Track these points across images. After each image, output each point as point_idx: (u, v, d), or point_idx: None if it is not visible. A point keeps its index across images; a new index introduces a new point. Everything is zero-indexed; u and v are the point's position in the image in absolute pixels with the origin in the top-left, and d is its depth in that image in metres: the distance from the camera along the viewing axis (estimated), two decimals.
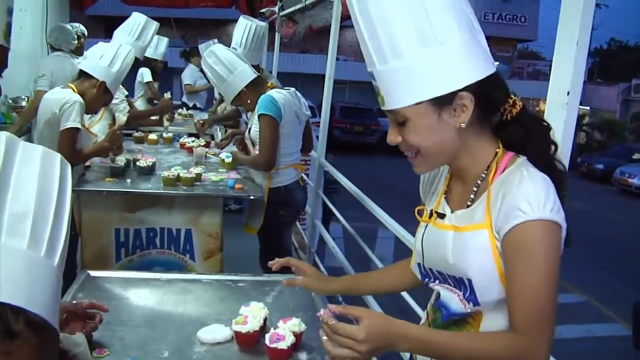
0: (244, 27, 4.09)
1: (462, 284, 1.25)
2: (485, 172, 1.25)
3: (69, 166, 0.77)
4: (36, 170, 0.72)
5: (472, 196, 1.27)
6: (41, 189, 0.70)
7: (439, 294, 1.36)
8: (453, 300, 1.29)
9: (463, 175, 1.30)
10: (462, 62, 1.16)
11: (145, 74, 5.98)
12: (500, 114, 1.26)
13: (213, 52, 3.39)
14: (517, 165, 1.22)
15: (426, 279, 1.38)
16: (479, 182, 1.26)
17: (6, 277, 0.63)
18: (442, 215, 1.32)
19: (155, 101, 6.05)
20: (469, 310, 1.25)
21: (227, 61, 3.34)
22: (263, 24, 4.18)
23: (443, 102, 1.17)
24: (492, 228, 1.18)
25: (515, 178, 1.17)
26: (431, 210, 1.34)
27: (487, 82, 1.18)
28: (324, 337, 1.19)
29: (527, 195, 1.13)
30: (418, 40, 1.14)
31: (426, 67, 1.15)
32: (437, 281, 1.34)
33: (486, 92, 1.19)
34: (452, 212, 1.31)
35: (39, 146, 0.75)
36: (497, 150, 1.26)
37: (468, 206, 1.26)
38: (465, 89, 1.16)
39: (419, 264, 1.39)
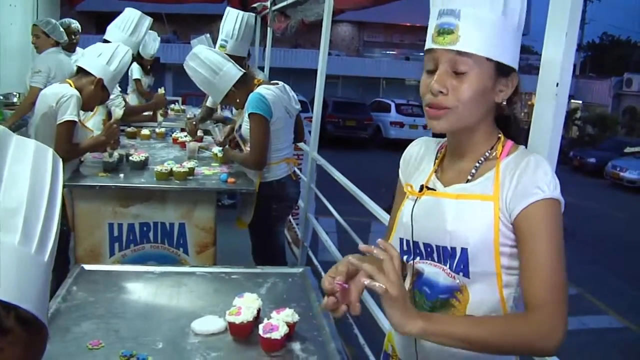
0: (235, 17, 4.06)
1: (451, 255, 1.26)
2: (488, 152, 1.31)
3: (61, 161, 0.77)
4: (29, 165, 0.71)
5: (473, 171, 1.31)
6: (33, 184, 0.70)
7: (417, 274, 1.36)
8: (440, 275, 1.30)
9: (466, 151, 1.33)
10: (519, 46, 1.28)
11: (134, 71, 5.97)
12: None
13: (196, 55, 3.35)
14: (523, 151, 1.31)
15: (405, 256, 1.38)
16: (482, 159, 1.31)
17: None
18: (432, 190, 1.35)
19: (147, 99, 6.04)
20: (457, 283, 1.27)
21: (211, 62, 3.31)
22: (252, 13, 4.15)
23: (504, 73, 1.25)
24: (499, 202, 1.23)
25: (531, 162, 1.24)
26: (421, 185, 1.36)
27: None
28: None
29: (545, 177, 1.21)
30: (515, 12, 1.24)
31: (511, 35, 1.24)
32: (419, 257, 1.35)
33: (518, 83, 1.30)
34: (444, 187, 1.34)
35: (32, 140, 0.75)
36: (500, 135, 1.33)
37: (468, 181, 1.30)
38: (515, 70, 1.27)
39: (401, 240, 1.38)
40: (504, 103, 1.30)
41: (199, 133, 4.61)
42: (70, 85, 3.13)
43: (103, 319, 1.81)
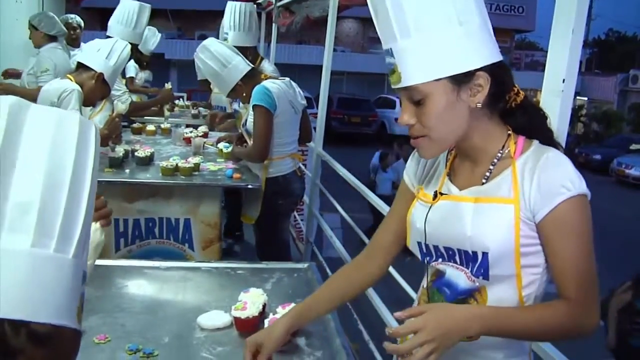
0: (231, 8, 4.09)
1: (473, 258, 1.26)
2: (500, 151, 1.29)
3: (93, 128, 0.67)
4: (47, 143, 0.61)
5: (487, 174, 1.29)
6: (53, 165, 0.60)
7: (438, 274, 1.36)
8: (460, 277, 1.30)
9: (474, 154, 1.32)
10: (480, 43, 1.21)
11: (130, 68, 5.94)
12: (506, 101, 1.30)
13: (206, 47, 3.38)
14: (539, 147, 1.27)
15: (427, 258, 1.38)
16: (495, 160, 1.29)
17: (3, 289, 0.55)
18: (446, 195, 1.34)
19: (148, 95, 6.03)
20: (476, 285, 1.28)
21: (220, 55, 3.33)
22: (250, 2, 4.18)
23: (462, 81, 1.21)
24: (519, 205, 1.22)
25: (550, 159, 1.22)
26: (435, 192, 1.35)
27: (498, 66, 1.23)
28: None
29: (568, 174, 1.20)
30: (443, 17, 1.17)
31: (448, 44, 1.18)
32: (441, 259, 1.34)
33: (498, 76, 1.23)
34: (460, 190, 1.32)
35: (55, 110, 0.65)
36: (509, 132, 1.30)
37: (483, 183, 1.29)
38: (482, 69, 1.21)
39: (419, 243, 1.38)
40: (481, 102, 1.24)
41: (204, 129, 4.62)
42: (71, 81, 3.15)
43: (109, 313, 1.81)
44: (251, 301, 1.75)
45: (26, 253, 0.57)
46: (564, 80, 1.47)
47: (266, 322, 1.67)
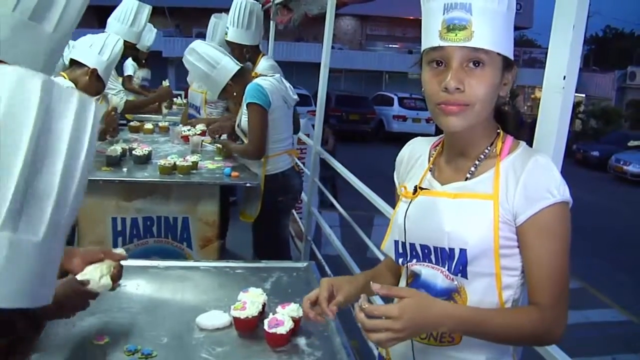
0: (235, 4, 4.09)
1: (449, 256, 1.24)
2: (488, 148, 1.28)
3: (92, 103, 0.68)
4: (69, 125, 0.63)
5: (472, 169, 1.28)
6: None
7: (413, 276, 1.34)
8: (438, 277, 1.28)
9: (467, 147, 1.30)
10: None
11: (128, 67, 5.91)
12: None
13: (194, 49, 3.39)
14: (525, 150, 1.27)
15: (401, 259, 1.35)
16: (482, 156, 1.28)
17: None
18: (427, 190, 1.33)
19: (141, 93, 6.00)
20: (455, 284, 1.26)
21: (208, 57, 3.34)
22: (255, 1, 4.15)
23: (508, 66, 1.23)
24: (499, 202, 1.21)
25: (539, 163, 1.21)
26: (415, 186, 1.34)
27: None
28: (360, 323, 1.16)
29: (554, 180, 1.19)
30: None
31: (510, 26, 1.21)
32: (415, 260, 1.32)
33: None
34: (442, 185, 1.31)
35: (76, 92, 0.66)
36: (499, 130, 1.30)
37: (467, 179, 1.28)
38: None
39: (396, 242, 1.36)
40: (508, 96, 1.28)
41: (202, 127, 4.60)
42: (65, 78, 3.12)
43: (108, 313, 1.80)
44: (250, 301, 1.74)
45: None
46: (564, 77, 1.46)
47: (266, 322, 1.66)
